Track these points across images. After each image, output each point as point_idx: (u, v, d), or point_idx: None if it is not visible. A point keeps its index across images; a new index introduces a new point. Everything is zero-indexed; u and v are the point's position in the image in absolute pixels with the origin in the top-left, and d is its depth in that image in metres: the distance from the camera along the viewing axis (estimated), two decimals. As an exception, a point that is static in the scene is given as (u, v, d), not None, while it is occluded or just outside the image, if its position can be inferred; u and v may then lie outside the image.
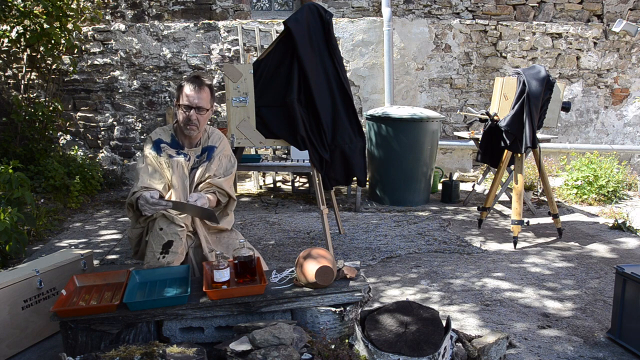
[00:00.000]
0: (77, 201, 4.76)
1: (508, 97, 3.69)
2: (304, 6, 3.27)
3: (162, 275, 2.35)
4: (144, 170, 2.56)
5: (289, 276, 2.36)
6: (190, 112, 2.51)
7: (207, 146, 2.68)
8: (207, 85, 2.57)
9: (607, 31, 5.99)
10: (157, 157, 2.56)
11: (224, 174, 2.67)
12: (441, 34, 5.83)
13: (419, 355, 1.90)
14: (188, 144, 2.65)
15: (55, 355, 2.24)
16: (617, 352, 2.28)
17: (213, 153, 2.66)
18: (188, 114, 2.51)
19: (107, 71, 5.68)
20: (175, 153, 2.58)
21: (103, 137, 5.85)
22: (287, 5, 6.12)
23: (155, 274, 2.34)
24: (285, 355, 1.80)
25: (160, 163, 2.55)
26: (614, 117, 6.25)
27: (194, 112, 2.51)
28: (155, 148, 2.59)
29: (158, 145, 2.60)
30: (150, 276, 2.33)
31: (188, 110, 2.51)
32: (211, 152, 2.66)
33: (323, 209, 3.37)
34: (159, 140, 2.62)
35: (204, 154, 2.66)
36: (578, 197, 5.03)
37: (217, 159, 2.66)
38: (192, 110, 2.50)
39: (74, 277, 2.28)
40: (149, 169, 2.55)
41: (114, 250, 3.63)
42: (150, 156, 2.57)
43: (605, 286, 3.00)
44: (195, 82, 2.53)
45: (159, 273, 2.35)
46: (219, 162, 2.67)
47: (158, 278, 2.33)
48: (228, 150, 2.76)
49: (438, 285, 3.00)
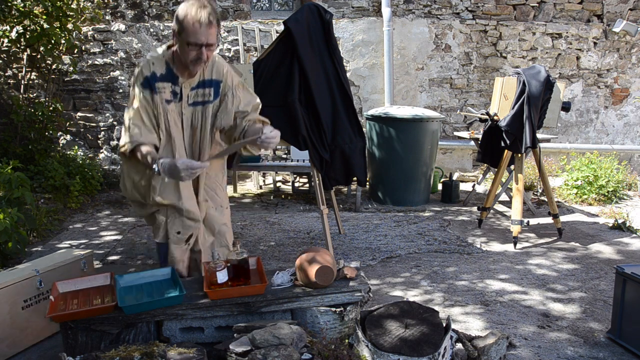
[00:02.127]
0: (77, 201, 4.77)
1: (508, 97, 3.69)
2: (304, 6, 3.27)
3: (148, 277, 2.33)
4: (137, 116, 2.21)
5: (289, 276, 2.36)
6: (201, 49, 2.15)
7: (210, 79, 2.33)
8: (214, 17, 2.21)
9: (607, 31, 5.99)
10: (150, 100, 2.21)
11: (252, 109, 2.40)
12: (441, 34, 5.83)
13: (419, 355, 1.90)
14: (187, 75, 2.27)
15: (55, 355, 2.24)
16: (617, 352, 2.28)
17: (219, 89, 2.34)
18: (198, 53, 2.15)
19: (107, 71, 5.68)
20: (171, 94, 2.25)
21: (103, 137, 5.85)
22: (287, 5, 6.12)
23: (140, 277, 2.33)
24: (285, 355, 1.80)
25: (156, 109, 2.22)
26: (614, 117, 6.25)
27: (204, 49, 2.16)
28: (148, 87, 2.21)
29: (152, 84, 2.21)
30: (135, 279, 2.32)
31: (198, 49, 2.15)
32: (217, 88, 2.33)
33: (323, 209, 3.37)
34: (153, 77, 2.21)
35: (206, 88, 2.32)
36: (578, 197, 5.03)
37: (231, 94, 2.35)
38: (202, 48, 2.15)
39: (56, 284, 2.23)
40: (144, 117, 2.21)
41: (115, 250, 3.63)
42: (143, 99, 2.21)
43: (605, 286, 3.00)
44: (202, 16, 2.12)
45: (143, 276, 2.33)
46: (233, 98, 2.36)
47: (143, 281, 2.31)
48: (237, 80, 2.42)
49: (438, 285, 3.00)
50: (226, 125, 2.35)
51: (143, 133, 2.20)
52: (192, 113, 2.31)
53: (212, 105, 2.32)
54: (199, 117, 2.32)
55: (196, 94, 2.30)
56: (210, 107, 2.32)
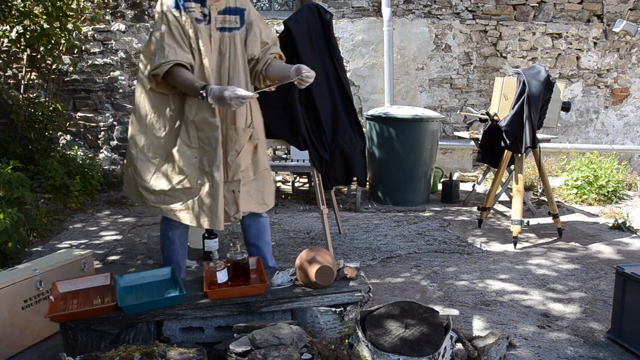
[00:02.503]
0: (77, 201, 4.76)
1: (508, 97, 3.69)
2: (304, 6, 3.27)
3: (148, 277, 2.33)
4: (169, 36, 2.13)
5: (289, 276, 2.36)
6: None
7: (235, 7, 2.31)
8: None
9: (607, 31, 5.99)
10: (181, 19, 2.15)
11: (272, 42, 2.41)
12: (441, 34, 5.83)
13: (419, 355, 1.90)
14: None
15: (55, 355, 2.24)
16: (617, 352, 2.28)
17: (244, 17, 2.33)
18: None
19: (107, 71, 5.68)
20: (200, 14, 2.20)
21: (103, 137, 5.85)
22: (287, 5, 6.12)
23: (140, 277, 2.32)
24: (285, 355, 1.80)
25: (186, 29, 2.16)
26: (614, 117, 6.25)
27: None
28: (178, 7, 2.17)
29: (181, 4, 2.17)
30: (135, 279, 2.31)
31: None
32: (242, 16, 2.32)
33: (323, 209, 3.37)
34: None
35: (232, 15, 2.29)
36: (578, 197, 5.03)
37: (255, 24, 2.36)
38: None
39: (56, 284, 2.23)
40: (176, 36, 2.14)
41: (115, 250, 3.63)
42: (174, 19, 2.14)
43: (605, 286, 3.00)
44: None
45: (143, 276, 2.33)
46: (257, 27, 2.37)
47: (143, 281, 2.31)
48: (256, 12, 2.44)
49: (438, 285, 3.00)
50: (256, 53, 2.34)
51: (179, 52, 2.14)
52: (220, 39, 2.29)
53: (240, 33, 2.31)
54: (228, 43, 2.30)
55: (223, 20, 2.27)
56: (238, 34, 2.31)
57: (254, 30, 2.35)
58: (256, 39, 2.36)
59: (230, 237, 3.89)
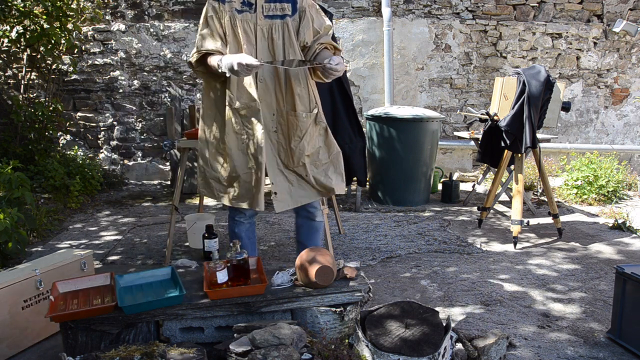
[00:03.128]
0: (77, 201, 4.77)
1: (508, 97, 3.69)
2: (304, 6, 3.26)
3: (148, 277, 2.34)
4: (205, 26, 2.32)
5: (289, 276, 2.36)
6: None
7: None
8: None
9: (607, 31, 5.99)
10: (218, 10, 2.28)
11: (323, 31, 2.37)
12: (441, 34, 5.83)
13: (419, 355, 1.90)
14: None
15: (55, 355, 2.24)
16: (617, 352, 2.28)
17: (297, 5, 2.33)
18: None
19: (107, 71, 5.69)
20: (241, 4, 2.28)
21: (103, 137, 5.85)
22: (287, 5, 6.12)
23: (140, 277, 2.33)
24: (285, 355, 1.80)
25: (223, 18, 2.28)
26: (614, 117, 6.25)
27: None
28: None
29: None
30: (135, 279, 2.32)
31: None
32: (294, 4, 2.33)
33: (323, 209, 3.36)
34: None
35: (283, 2, 2.32)
36: (578, 197, 5.03)
37: (307, 12, 2.35)
38: None
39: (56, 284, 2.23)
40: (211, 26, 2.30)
41: (115, 250, 3.63)
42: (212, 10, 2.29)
43: (605, 286, 3.00)
44: None
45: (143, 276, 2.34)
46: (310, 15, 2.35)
47: (143, 281, 2.31)
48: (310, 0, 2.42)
49: (438, 285, 3.00)
50: (308, 41, 2.36)
51: (209, 42, 2.28)
52: (269, 25, 2.32)
53: (293, 20, 2.34)
54: (280, 30, 2.34)
55: (274, 7, 2.31)
56: (291, 21, 2.33)
57: (307, 17, 2.36)
58: (309, 27, 2.36)
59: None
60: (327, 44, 2.37)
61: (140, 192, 5.49)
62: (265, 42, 2.34)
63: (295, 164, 2.43)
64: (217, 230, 3.60)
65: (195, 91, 5.79)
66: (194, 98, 5.78)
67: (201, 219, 3.56)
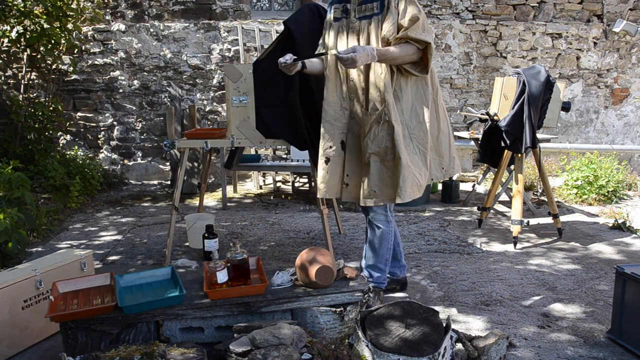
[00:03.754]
0: (77, 201, 4.77)
1: (508, 97, 3.69)
2: (304, 6, 3.27)
3: (148, 277, 2.34)
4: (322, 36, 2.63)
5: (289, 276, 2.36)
6: None
7: None
8: None
9: (607, 31, 6.00)
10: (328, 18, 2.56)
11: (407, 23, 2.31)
12: (441, 34, 5.83)
13: (419, 355, 1.90)
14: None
15: (55, 355, 2.24)
16: (617, 352, 2.28)
17: (384, 2, 2.36)
18: None
19: (107, 71, 5.69)
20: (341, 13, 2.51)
21: (103, 137, 5.85)
22: (287, 5, 6.12)
23: (140, 277, 2.33)
24: (285, 355, 1.80)
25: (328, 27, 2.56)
26: (614, 117, 6.25)
27: None
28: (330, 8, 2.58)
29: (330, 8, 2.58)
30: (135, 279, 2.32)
31: None
32: (382, 2, 2.36)
33: (323, 209, 3.37)
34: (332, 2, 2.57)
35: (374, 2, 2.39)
36: (578, 197, 5.03)
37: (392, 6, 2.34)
38: None
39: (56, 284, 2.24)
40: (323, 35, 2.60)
41: (115, 250, 3.63)
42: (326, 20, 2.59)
43: (605, 286, 3.00)
44: None
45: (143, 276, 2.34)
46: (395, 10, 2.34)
47: (143, 281, 2.32)
48: None
49: (438, 285, 3.00)
50: (388, 35, 2.36)
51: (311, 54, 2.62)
52: (359, 27, 2.44)
53: (379, 18, 2.39)
54: (365, 29, 2.42)
55: (361, 9, 2.44)
56: (376, 19, 2.39)
57: (390, 12, 2.36)
58: (390, 22, 2.36)
59: (230, 237, 3.90)
60: (403, 37, 2.32)
61: (140, 192, 5.49)
62: (355, 42, 2.45)
63: (365, 159, 2.48)
64: (217, 230, 3.60)
65: (195, 91, 5.79)
66: (194, 98, 5.79)
67: (201, 219, 3.56)
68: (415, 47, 2.33)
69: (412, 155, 2.44)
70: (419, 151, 2.48)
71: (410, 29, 2.31)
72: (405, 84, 2.44)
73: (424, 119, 2.47)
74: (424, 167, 2.48)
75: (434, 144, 2.57)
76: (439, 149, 2.61)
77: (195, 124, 4.09)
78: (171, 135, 5.39)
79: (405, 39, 2.32)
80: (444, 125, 2.63)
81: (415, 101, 2.47)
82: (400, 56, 2.32)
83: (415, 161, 2.45)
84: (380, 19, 2.38)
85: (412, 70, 2.38)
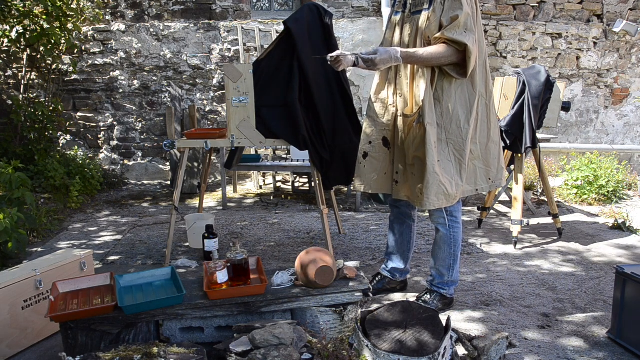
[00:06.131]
0: (77, 201, 4.77)
1: (508, 97, 3.69)
2: (304, 6, 3.27)
3: (148, 277, 2.34)
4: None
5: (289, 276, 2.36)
6: None
7: None
8: None
9: (607, 31, 5.99)
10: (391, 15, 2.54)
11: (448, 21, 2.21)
12: (441, 34, 5.83)
13: (419, 355, 1.90)
14: None
15: (55, 355, 2.25)
16: (617, 352, 2.28)
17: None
18: None
19: (107, 71, 5.69)
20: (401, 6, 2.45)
21: (103, 137, 5.85)
22: (287, 5, 6.12)
23: (140, 277, 2.33)
24: (285, 355, 1.80)
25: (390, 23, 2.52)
26: (614, 117, 6.25)
27: None
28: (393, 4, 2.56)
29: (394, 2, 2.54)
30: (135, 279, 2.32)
31: None
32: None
33: (323, 209, 3.37)
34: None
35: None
36: (578, 197, 5.03)
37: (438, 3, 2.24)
38: None
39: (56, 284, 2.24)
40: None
41: (115, 250, 3.63)
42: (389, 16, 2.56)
43: (605, 286, 3.00)
44: None
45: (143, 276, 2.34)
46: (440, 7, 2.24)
47: (143, 281, 2.32)
48: None
49: (438, 285, 3.00)
50: (429, 34, 2.29)
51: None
52: (411, 21, 2.40)
53: (426, 14, 2.30)
54: (415, 24, 2.37)
55: (417, 3, 2.37)
56: (425, 15, 2.31)
57: (434, 10, 2.27)
58: (435, 19, 2.27)
59: (230, 237, 3.90)
60: (442, 38, 2.22)
61: (140, 192, 5.49)
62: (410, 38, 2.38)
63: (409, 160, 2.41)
64: (217, 230, 3.60)
65: (195, 91, 5.79)
66: (194, 98, 5.79)
67: (201, 219, 3.56)
68: (454, 48, 2.19)
69: (444, 161, 2.31)
70: (454, 158, 2.34)
71: (448, 29, 2.18)
72: (449, 85, 2.30)
73: (465, 124, 2.32)
74: (456, 175, 2.33)
75: (481, 152, 2.44)
76: (487, 158, 2.47)
77: (195, 124, 4.08)
78: (171, 135, 5.39)
79: (443, 40, 2.22)
80: (495, 133, 2.49)
81: (458, 104, 2.31)
82: (434, 58, 2.20)
83: (448, 168, 2.32)
84: (428, 14, 2.28)
85: (452, 73, 2.26)
